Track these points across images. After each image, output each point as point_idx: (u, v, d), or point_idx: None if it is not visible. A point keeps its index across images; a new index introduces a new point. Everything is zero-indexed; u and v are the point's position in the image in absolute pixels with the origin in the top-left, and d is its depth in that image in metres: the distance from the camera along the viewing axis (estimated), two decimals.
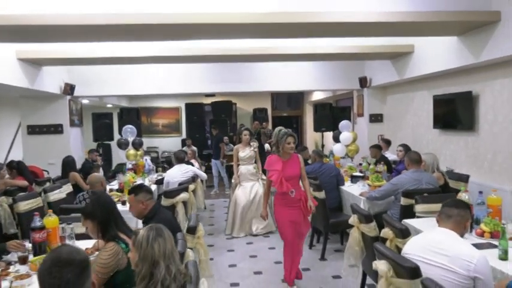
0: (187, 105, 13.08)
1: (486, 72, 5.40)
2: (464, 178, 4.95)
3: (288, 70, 8.55)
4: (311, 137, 14.04)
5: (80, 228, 3.46)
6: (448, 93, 6.21)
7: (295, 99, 14.91)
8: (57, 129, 7.97)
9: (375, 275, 3.04)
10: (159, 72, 8.42)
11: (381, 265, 2.26)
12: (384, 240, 3.00)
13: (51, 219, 2.90)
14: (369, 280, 3.69)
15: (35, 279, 2.41)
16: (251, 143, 6.13)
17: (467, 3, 4.72)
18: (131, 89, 8.69)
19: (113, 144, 9.66)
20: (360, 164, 6.23)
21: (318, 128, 10.14)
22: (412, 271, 2.07)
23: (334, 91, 10.76)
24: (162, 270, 1.79)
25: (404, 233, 2.88)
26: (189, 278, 1.92)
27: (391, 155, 6.82)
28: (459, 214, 2.30)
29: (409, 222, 3.47)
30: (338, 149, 6.56)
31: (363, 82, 8.47)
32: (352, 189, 5.22)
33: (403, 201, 4.05)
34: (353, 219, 3.45)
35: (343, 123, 6.79)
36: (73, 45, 6.29)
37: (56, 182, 5.96)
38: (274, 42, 6.38)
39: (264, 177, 5.85)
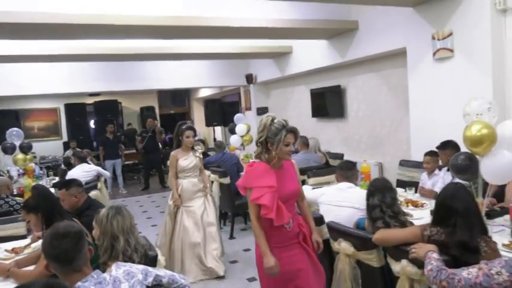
0: (67, 106, 12.39)
1: (350, 69, 6.62)
2: (340, 156, 6.06)
3: (176, 68, 8.89)
4: (199, 133, 14.55)
5: (2, 231, 3.46)
6: (322, 87, 7.36)
7: (180, 96, 15.18)
8: None
9: None
10: (39, 71, 7.96)
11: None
12: None
13: None
14: None
15: None
16: (195, 147, 4.34)
17: (334, 13, 5.77)
18: (4, 89, 8.01)
19: None
20: (255, 152, 7.01)
21: (209, 122, 10.75)
22: (318, 220, 2.79)
23: (222, 87, 11.43)
24: (121, 242, 2.08)
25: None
26: (148, 246, 2.30)
27: None
28: (352, 173, 3.14)
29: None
30: (234, 140, 7.22)
31: (249, 79, 9.29)
32: None
33: None
34: None
35: (238, 116, 7.47)
36: None
37: None
38: (165, 42, 6.71)
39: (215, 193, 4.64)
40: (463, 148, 3.03)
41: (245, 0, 6.03)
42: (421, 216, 3.04)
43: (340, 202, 2.97)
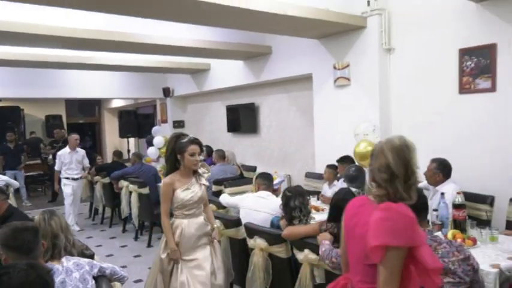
0: None
1: (264, 89, 7.23)
2: (253, 168, 6.57)
3: (88, 77, 8.70)
4: (110, 143, 14.23)
5: None
6: (237, 104, 7.86)
7: (90, 105, 14.66)
8: None
9: None
10: None
11: (215, 223, 3.31)
12: None
13: None
14: None
15: None
16: (201, 170, 3.02)
17: (250, 37, 6.33)
18: None
19: None
20: None
21: (123, 134, 10.62)
22: (236, 222, 3.18)
23: (137, 99, 11.38)
24: (62, 239, 2.24)
25: (222, 206, 4.03)
26: (85, 247, 2.49)
27: None
28: (270, 184, 3.59)
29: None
30: (152, 152, 7.35)
31: (166, 92, 9.47)
32: None
33: (215, 187, 5.25)
34: None
35: (156, 129, 7.62)
36: None
37: None
38: (82, 52, 6.65)
39: (217, 236, 3.15)
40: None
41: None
42: (322, 218, 3.58)
43: (259, 207, 3.39)
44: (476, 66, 4.10)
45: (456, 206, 3.01)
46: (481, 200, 3.74)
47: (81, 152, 6.59)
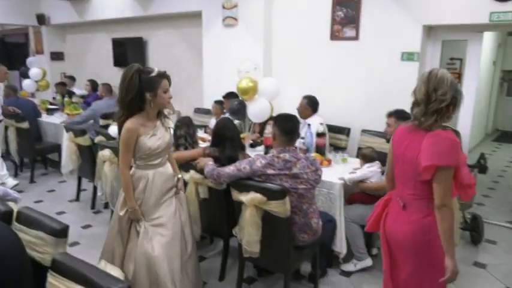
0: None
1: (153, 23, 7.08)
2: None
3: None
4: None
5: None
6: (124, 38, 7.57)
7: None
8: None
9: (91, 177, 4.18)
10: None
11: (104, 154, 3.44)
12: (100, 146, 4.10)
13: None
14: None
15: None
16: (165, 111, 2.55)
17: None
18: None
19: None
20: (54, 98, 6.81)
21: None
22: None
23: (3, 25, 10.05)
24: None
25: (111, 138, 4.12)
26: None
27: (78, 89, 7.63)
28: None
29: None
30: (28, 84, 6.77)
31: (41, 19, 8.56)
32: (51, 120, 5.88)
33: (102, 122, 5.21)
34: (69, 135, 4.35)
35: (32, 60, 6.97)
36: None
37: None
38: None
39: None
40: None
41: None
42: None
43: None
44: (345, 16, 4.68)
45: (318, 135, 3.63)
46: (340, 131, 4.52)
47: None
